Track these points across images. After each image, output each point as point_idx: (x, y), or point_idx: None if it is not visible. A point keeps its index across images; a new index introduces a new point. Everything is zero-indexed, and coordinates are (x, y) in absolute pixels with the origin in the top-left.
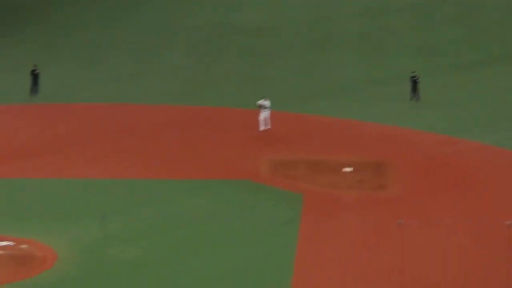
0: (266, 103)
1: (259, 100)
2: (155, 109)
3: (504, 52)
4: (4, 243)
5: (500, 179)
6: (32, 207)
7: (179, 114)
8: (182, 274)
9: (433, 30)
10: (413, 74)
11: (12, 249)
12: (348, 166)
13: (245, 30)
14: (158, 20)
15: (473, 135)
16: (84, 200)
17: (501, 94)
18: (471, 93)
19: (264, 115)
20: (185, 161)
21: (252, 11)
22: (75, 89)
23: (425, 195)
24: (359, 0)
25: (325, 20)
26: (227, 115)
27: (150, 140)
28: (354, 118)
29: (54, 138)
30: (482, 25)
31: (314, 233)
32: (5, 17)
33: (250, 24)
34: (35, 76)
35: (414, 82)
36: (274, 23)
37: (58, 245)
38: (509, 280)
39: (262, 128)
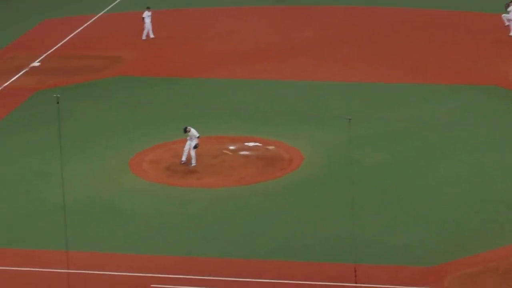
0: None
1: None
2: (401, 12)
3: None
4: (253, 144)
5: None
6: (279, 109)
7: (424, 17)
8: (426, 178)
9: None
10: None
11: (260, 150)
12: None
13: None
14: None
15: None
16: (331, 103)
17: None
18: None
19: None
20: (432, 66)
21: None
22: None
23: None
24: None
25: None
26: (473, 19)
27: (396, 44)
28: None
29: (301, 41)
30: None
31: None
32: None
33: None
34: None
35: None
36: None
37: (304, 147)
38: None
39: None
